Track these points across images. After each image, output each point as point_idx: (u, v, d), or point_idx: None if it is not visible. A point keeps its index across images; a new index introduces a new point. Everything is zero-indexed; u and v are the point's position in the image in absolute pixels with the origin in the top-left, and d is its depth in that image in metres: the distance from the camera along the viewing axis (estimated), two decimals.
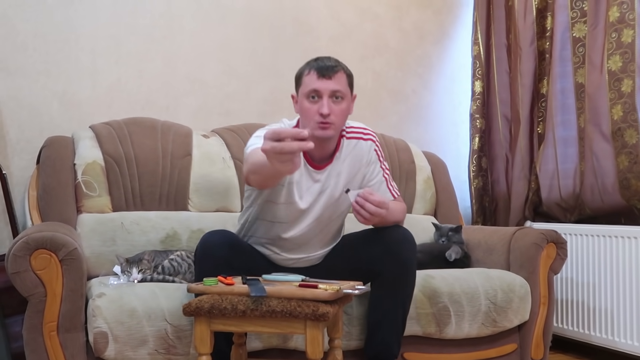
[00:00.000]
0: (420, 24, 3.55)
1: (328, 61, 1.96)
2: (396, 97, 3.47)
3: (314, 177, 2.02)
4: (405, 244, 1.98)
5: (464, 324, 2.32)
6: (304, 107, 1.97)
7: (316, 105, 1.93)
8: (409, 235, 2.00)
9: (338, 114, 1.95)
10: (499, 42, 3.40)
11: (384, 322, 2.00)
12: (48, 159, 2.41)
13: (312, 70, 1.94)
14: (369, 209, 1.84)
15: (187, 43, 2.95)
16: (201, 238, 1.91)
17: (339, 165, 2.04)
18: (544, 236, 2.52)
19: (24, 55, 2.63)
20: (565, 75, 3.03)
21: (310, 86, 1.93)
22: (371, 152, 2.09)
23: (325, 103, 1.91)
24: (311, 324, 1.59)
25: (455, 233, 2.77)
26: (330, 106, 1.92)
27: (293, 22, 3.20)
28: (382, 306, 2.00)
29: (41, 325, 1.84)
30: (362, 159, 2.08)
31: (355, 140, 2.08)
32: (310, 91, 1.93)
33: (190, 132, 2.68)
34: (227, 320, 1.64)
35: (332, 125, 1.93)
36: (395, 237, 1.97)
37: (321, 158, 2.03)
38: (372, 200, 1.85)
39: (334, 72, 1.93)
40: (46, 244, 1.84)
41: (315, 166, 2.02)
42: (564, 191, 3.01)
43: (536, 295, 2.51)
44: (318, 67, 1.94)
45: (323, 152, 2.02)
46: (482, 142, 3.46)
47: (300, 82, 1.99)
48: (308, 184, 2.02)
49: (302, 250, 2.09)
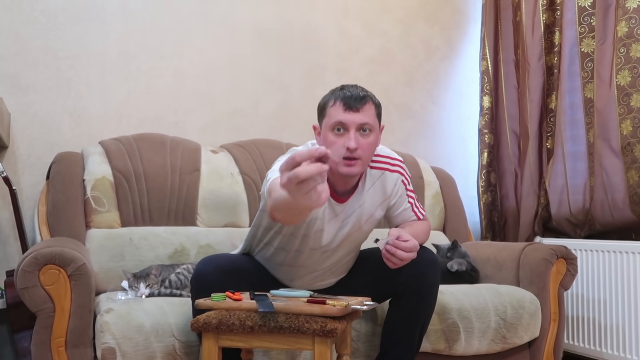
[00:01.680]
0: (428, 39, 3.56)
1: (355, 90, 1.82)
2: (404, 112, 3.47)
3: (336, 209, 1.91)
4: (431, 267, 1.91)
5: (474, 341, 2.30)
6: (328, 140, 1.81)
7: (342, 139, 1.78)
8: (434, 258, 1.94)
9: (366, 148, 1.80)
10: (507, 58, 3.41)
11: (401, 343, 1.95)
12: (58, 174, 2.42)
13: (337, 101, 1.80)
14: (400, 256, 1.72)
15: (196, 59, 2.98)
16: (195, 267, 1.86)
17: (362, 197, 1.93)
18: (553, 252, 2.50)
19: (34, 72, 2.65)
20: (574, 90, 3.02)
21: (335, 118, 1.78)
22: (398, 184, 1.98)
23: (353, 137, 1.77)
24: (319, 340, 1.59)
25: (454, 249, 2.73)
26: (358, 140, 1.78)
27: (301, 38, 3.22)
28: (400, 327, 1.94)
29: (49, 340, 1.85)
30: (387, 191, 1.97)
31: (381, 171, 1.95)
32: (336, 123, 1.79)
33: (199, 148, 2.69)
34: (235, 336, 1.64)
35: (358, 161, 1.79)
36: (421, 260, 1.85)
37: (344, 191, 1.92)
38: (404, 247, 1.71)
39: (362, 104, 1.79)
40: (55, 260, 1.85)
41: (337, 199, 1.90)
42: (573, 206, 2.99)
43: (546, 312, 2.49)
44: (344, 97, 1.79)
45: (346, 185, 1.90)
46: (491, 157, 3.45)
47: (324, 114, 1.84)
48: (329, 216, 1.91)
49: (312, 278, 2.05)
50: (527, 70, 3.22)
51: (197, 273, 1.83)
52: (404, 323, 1.95)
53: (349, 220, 1.93)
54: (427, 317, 1.98)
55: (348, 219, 1.93)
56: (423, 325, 1.98)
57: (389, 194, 1.98)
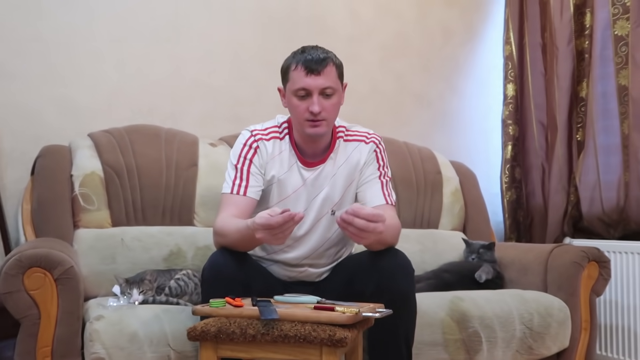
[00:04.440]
0: (447, 22, 3.54)
1: (315, 52, 1.97)
2: (420, 102, 3.46)
3: (304, 175, 2.05)
4: (401, 273, 1.90)
5: (497, 351, 2.29)
6: (292, 104, 1.99)
7: (305, 103, 1.96)
8: (404, 262, 1.92)
9: (330, 109, 1.98)
10: (533, 42, 3.39)
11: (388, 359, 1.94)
12: (43, 169, 2.43)
13: (299, 65, 1.95)
14: (358, 224, 1.71)
15: (193, 44, 2.97)
16: (210, 257, 1.89)
17: (334, 169, 2.06)
18: (584, 254, 2.49)
19: (18, 59, 2.66)
20: (607, 77, 3.01)
21: (298, 84, 1.95)
22: (370, 154, 2.10)
23: (316, 101, 1.94)
24: (327, 350, 1.58)
25: (488, 250, 2.75)
26: (321, 103, 1.95)
27: (308, 22, 3.21)
28: (385, 343, 1.92)
29: (34, 350, 1.85)
30: (361, 161, 2.09)
31: (357, 142, 2.10)
32: (299, 89, 1.96)
33: (197, 141, 2.69)
34: (236, 346, 1.63)
35: (323, 122, 1.97)
36: (389, 267, 1.88)
37: (313, 154, 2.06)
38: (364, 215, 1.72)
39: (323, 67, 1.95)
40: (40, 262, 1.85)
41: (306, 163, 2.05)
42: (606, 204, 2.98)
43: (577, 320, 2.47)
44: (305, 60, 1.95)
45: (316, 147, 2.05)
46: (516, 150, 3.45)
47: (287, 78, 2.01)
48: (295, 181, 2.04)
49: (306, 258, 2.09)
50: (555, 55, 3.20)
51: (213, 262, 1.86)
52: (387, 338, 1.92)
53: (321, 187, 2.05)
54: (408, 328, 1.95)
55: (319, 185, 2.05)
56: (407, 337, 1.94)
57: (362, 164, 2.09)
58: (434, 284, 2.57)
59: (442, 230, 3.02)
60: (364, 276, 1.93)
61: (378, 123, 3.04)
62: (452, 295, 2.33)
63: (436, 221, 3.02)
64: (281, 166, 2.04)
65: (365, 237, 1.76)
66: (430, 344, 2.18)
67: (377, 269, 1.90)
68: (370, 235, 1.74)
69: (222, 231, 1.91)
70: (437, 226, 3.02)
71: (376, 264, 1.91)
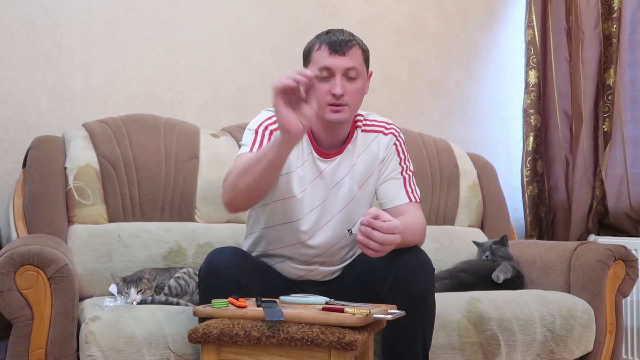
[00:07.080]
0: (465, 4, 3.53)
1: (341, 35, 1.98)
2: (436, 89, 3.46)
3: (319, 166, 2.04)
4: (422, 271, 1.92)
5: (516, 355, 2.30)
6: None
7: (328, 85, 1.95)
8: (425, 260, 1.94)
9: (353, 94, 1.97)
10: (557, 25, 3.38)
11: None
12: (35, 162, 2.44)
13: (323, 45, 1.96)
14: (377, 238, 1.73)
15: (194, 28, 2.98)
16: (206, 257, 1.89)
17: (353, 159, 2.06)
18: (610, 252, 2.49)
19: (9, 44, 2.67)
20: (636, 63, 3.01)
21: (321, 63, 1.95)
22: (390, 147, 2.10)
23: (339, 82, 1.94)
24: (336, 353, 1.59)
25: (500, 246, 2.74)
26: (344, 85, 1.95)
27: (316, 4, 3.21)
28: (400, 344, 1.93)
29: (27, 352, 1.86)
30: (380, 154, 2.08)
31: (375, 133, 2.10)
32: (321, 69, 1.95)
33: (198, 131, 2.70)
34: (239, 349, 1.64)
35: (345, 107, 1.96)
36: (408, 263, 1.90)
37: (330, 145, 2.05)
38: (380, 227, 1.73)
39: (348, 47, 1.95)
40: (33, 260, 1.86)
41: (322, 153, 2.04)
42: (634, 199, 2.98)
43: (601, 322, 2.48)
44: (330, 41, 1.96)
45: (334, 137, 2.04)
46: (538, 142, 3.44)
47: (309, 59, 2.01)
48: (313, 174, 2.03)
49: (319, 256, 2.09)
50: (581, 40, 3.20)
51: (210, 262, 1.85)
52: (402, 340, 1.93)
53: (339, 178, 2.04)
54: (426, 330, 1.96)
55: (337, 176, 2.04)
56: (424, 339, 1.95)
57: (382, 158, 2.09)
58: (449, 284, 2.57)
59: (458, 227, 3.02)
60: (382, 272, 1.94)
61: (391, 112, 3.04)
62: (469, 296, 2.34)
63: (452, 217, 3.02)
64: (297, 157, 2.01)
65: (383, 251, 1.77)
66: (445, 348, 2.19)
67: (396, 264, 1.90)
68: (387, 248, 1.76)
69: (230, 172, 1.90)
70: (454, 222, 3.02)
71: (395, 260, 1.91)
